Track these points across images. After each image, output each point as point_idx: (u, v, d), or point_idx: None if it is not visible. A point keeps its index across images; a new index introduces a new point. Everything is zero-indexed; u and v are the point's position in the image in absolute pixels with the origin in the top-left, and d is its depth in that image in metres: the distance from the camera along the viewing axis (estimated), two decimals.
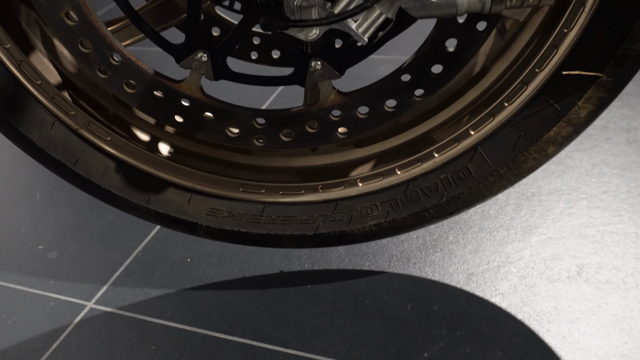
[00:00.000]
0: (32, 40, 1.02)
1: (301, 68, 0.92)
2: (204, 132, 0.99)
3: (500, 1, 0.80)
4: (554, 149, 1.01)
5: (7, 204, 1.65)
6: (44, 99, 1.02)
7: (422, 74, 0.92)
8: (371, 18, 0.81)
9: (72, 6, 0.89)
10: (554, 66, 0.95)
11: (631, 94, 1.69)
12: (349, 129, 0.97)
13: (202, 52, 0.92)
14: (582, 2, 0.91)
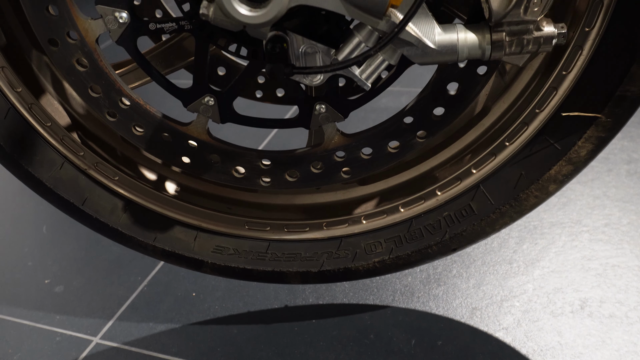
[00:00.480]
0: (43, 84, 1.04)
1: (306, 111, 0.94)
2: (210, 173, 1.00)
3: (499, 48, 0.82)
4: (555, 187, 1.03)
5: (14, 237, 1.67)
6: (53, 140, 1.04)
7: (424, 116, 0.94)
8: (374, 65, 0.83)
9: (83, 53, 0.91)
10: (553, 107, 0.97)
11: (631, 126, 1.71)
12: (353, 170, 0.99)
13: (209, 96, 0.94)
14: (580, 46, 0.93)
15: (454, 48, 0.82)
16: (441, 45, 0.82)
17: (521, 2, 0.78)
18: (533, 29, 0.82)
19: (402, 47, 0.82)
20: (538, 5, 0.79)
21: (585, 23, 0.91)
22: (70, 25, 0.89)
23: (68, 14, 0.88)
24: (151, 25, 0.89)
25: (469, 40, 0.82)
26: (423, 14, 0.81)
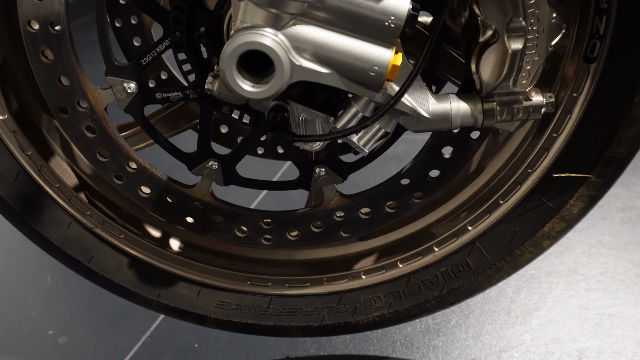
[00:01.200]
0: (52, 146, 1.08)
1: (306, 174, 0.98)
2: (213, 232, 1.03)
3: (491, 116, 0.86)
4: (549, 243, 1.06)
5: (18, 287, 1.69)
6: (61, 200, 1.07)
7: (420, 179, 0.98)
8: (371, 132, 0.87)
9: (92, 120, 0.95)
10: (545, 167, 1.01)
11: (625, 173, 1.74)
12: (352, 229, 1.02)
13: (213, 160, 0.97)
14: (569, 110, 0.97)
15: (448, 117, 0.86)
16: (435, 114, 0.86)
17: (510, 75, 0.82)
18: (523, 99, 0.85)
19: (397, 117, 0.85)
20: (526, 78, 0.83)
21: (574, 88, 0.96)
22: (80, 95, 0.93)
23: (79, 84, 0.93)
24: (158, 94, 0.94)
25: (461, 110, 0.86)
26: (417, 85, 0.85)
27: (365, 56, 0.78)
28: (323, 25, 0.77)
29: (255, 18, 0.76)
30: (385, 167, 1.13)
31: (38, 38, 0.90)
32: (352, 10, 0.76)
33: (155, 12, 0.90)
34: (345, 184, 0.99)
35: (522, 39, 0.80)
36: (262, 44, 0.76)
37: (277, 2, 0.74)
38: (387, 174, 1.04)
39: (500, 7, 0.79)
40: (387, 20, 0.76)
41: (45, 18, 0.88)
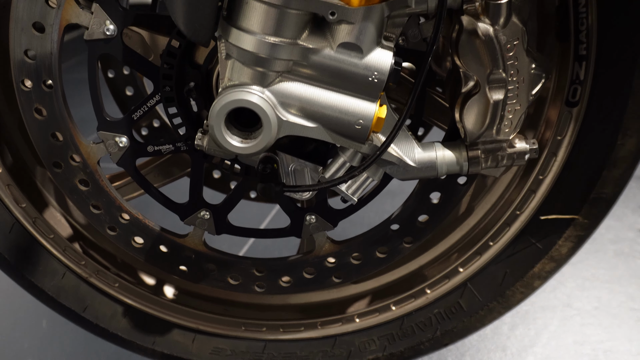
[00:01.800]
0: (46, 197, 1.09)
1: (297, 222, 0.99)
2: (206, 281, 1.04)
3: (476, 164, 0.88)
4: (540, 282, 1.07)
5: (14, 332, 1.68)
6: (56, 251, 1.08)
7: (409, 224, 0.99)
8: (359, 181, 0.88)
9: (85, 174, 0.96)
10: (533, 209, 1.02)
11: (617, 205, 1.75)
12: (344, 274, 1.03)
13: (205, 210, 0.99)
14: (554, 153, 0.99)
15: (434, 165, 0.87)
16: (421, 163, 0.87)
17: (493, 125, 0.84)
18: (506, 146, 0.87)
19: (384, 166, 0.87)
20: (509, 127, 0.85)
21: (557, 132, 0.98)
22: (73, 150, 0.95)
23: (71, 139, 0.94)
24: (149, 147, 0.95)
25: (447, 158, 0.88)
26: (403, 134, 0.87)
27: (350, 110, 0.80)
28: (308, 82, 0.79)
29: (242, 76, 0.78)
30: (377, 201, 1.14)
31: (31, 95, 0.91)
32: (336, 67, 0.78)
33: (146, 69, 0.92)
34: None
35: (503, 90, 0.82)
36: (249, 101, 0.77)
37: (263, 61, 0.76)
38: (379, 209, 1.05)
39: (480, 60, 0.81)
40: (371, 76, 0.78)
41: (39, 76, 0.90)
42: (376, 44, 0.78)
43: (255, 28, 0.75)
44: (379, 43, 0.78)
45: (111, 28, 0.87)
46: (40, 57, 0.89)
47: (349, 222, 1.03)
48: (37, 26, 0.88)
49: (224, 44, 0.78)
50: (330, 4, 0.74)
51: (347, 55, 0.77)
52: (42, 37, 0.88)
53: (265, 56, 0.76)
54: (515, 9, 0.80)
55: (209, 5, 0.75)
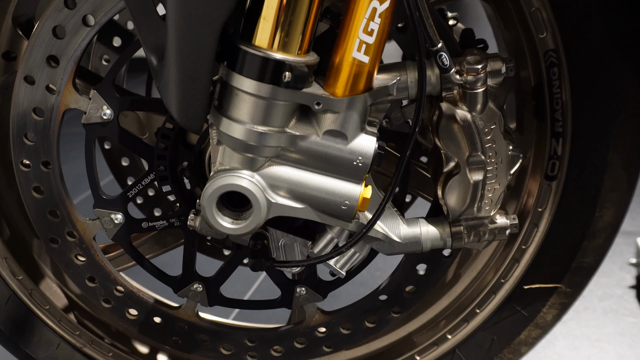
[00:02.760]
0: (42, 269, 1.11)
1: (287, 293, 1.01)
2: (199, 351, 1.06)
3: (459, 239, 0.91)
4: (527, 349, 1.09)
5: None
6: (51, 322, 1.10)
7: (397, 294, 1.02)
8: (347, 256, 0.91)
9: (81, 249, 0.99)
10: (517, 277, 1.05)
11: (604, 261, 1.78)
12: (334, 344, 1.05)
13: (198, 283, 1.01)
14: (536, 224, 1.02)
15: (418, 241, 0.91)
16: (406, 238, 0.90)
17: (473, 203, 0.88)
18: (488, 223, 0.91)
19: (371, 242, 0.90)
20: (489, 205, 0.88)
21: (538, 204, 1.01)
22: (70, 226, 0.98)
23: (68, 216, 0.97)
24: (144, 224, 0.98)
25: (431, 234, 0.91)
26: (388, 211, 0.90)
27: (336, 192, 0.83)
28: (296, 165, 0.83)
29: (233, 161, 0.82)
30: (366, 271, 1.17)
31: (30, 175, 0.95)
32: (323, 152, 0.82)
33: (140, 149, 0.96)
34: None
35: (482, 171, 0.86)
36: (239, 186, 0.81)
37: (253, 148, 0.80)
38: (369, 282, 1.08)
39: (459, 143, 0.85)
40: (356, 160, 0.82)
41: (37, 157, 0.94)
42: (360, 130, 0.82)
43: (245, 118, 0.79)
44: (362, 129, 0.82)
45: (108, 112, 0.91)
46: (39, 140, 0.93)
47: (338, 290, 1.06)
48: (37, 111, 0.92)
49: (216, 131, 0.82)
50: (316, 95, 0.79)
51: (333, 142, 0.81)
52: (42, 121, 0.92)
53: (255, 144, 0.80)
54: (491, 95, 0.84)
55: (201, 97, 0.79)
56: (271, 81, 0.76)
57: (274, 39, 0.76)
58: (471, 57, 0.81)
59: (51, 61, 0.89)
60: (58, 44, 0.88)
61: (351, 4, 0.77)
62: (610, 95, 0.94)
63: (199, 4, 0.74)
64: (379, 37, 0.77)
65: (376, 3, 0.76)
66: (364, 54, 0.78)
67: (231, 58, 0.78)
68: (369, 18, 0.76)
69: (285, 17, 0.75)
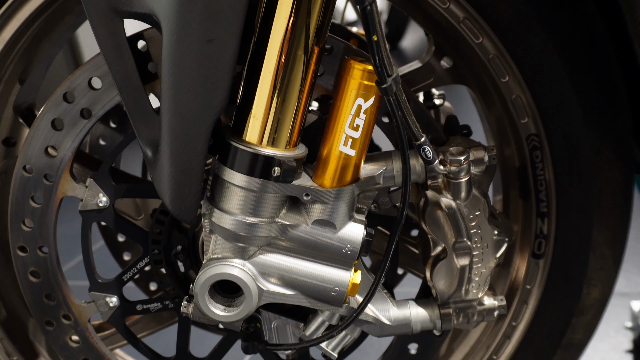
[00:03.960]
0: (37, 348, 1.12)
1: None
2: None
3: (448, 321, 0.93)
4: None
5: None
6: None
7: None
8: (338, 338, 0.93)
9: (76, 332, 1.00)
10: (509, 354, 1.06)
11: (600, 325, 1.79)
12: None
13: None
14: (525, 301, 1.04)
15: (408, 323, 0.92)
16: (396, 321, 0.92)
17: (461, 287, 0.90)
18: (476, 304, 0.92)
19: (361, 325, 0.91)
20: (476, 288, 0.90)
21: (526, 281, 1.03)
22: (65, 309, 0.99)
23: (64, 299, 0.99)
24: (138, 306, 1.00)
25: (420, 316, 0.92)
26: (379, 294, 0.92)
27: (326, 278, 0.85)
28: (286, 253, 0.85)
29: (225, 250, 0.84)
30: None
31: (27, 260, 0.97)
32: (312, 240, 0.84)
33: (135, 234, 0.98)
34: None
35: (469, 257, 0.88)
36: (231, 274, 0.83)
37: (244, 238, 0.82)
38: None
39: (445, 230, 0.87)
40: (344, 248, 0.84)
41: (35, 242, 0.96)
42: (348, 218, 0.84)
43: (236, 209, 0.81)
44: (351, 217, 0.85)
45: (104, 200, 0.94)
46: (36, 226, 0.95)
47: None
48: (34, 198, 0.94)
49: (208, 221, 0.84)
50: (304, 187, 0.82)
51: (322, 231, 0.83)
52: (39, 208, 0.94)
53: (246, 234, 0.82)
54: (475, 182, 0.87)
55: (193, 190, 0.81)
56: (261, 175, 0.79)
57: (263, 135, 0.80)
58: (454, 149, 0.84)
59: (49, 152, 0.93)
60: (56, 136, 0.92)
61: (337, 101, 0.80)
62: (592, 177, 0.97)
63: (192, 102, 0.77)
64: (364, 131, 0.81)
65: (361, 100, 0.79)
66: (350, 148, 0.81)
67: (222, 153, 0.81)
68: (354, 114, 0.80)
69: (274, 115, 0.79)
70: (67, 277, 1.00)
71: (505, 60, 0.91)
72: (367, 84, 0.78)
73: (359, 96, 0.79)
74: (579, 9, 0.90)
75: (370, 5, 0.66)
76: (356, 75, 0.78)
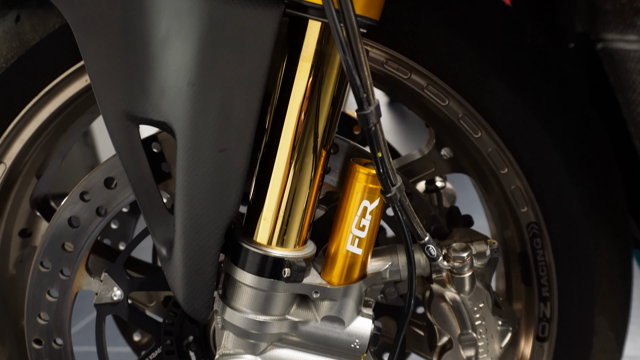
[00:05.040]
0: None
1: None
2: None
3: None
4: None
5: None
6: None
7: None
8: None
9: None
10: None
11: None
12: None
13: None
14: None
15: None
16: None
17: None
18: None
19: None
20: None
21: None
22: None
23: None
24: None
25: None
26: None
27: None
28: (296, 348, 0.87)
29: (237, 346, 0.86)
30: None
31: (42, 353, 0.99)
32: (322, 335, 0.86)
33: (148, 326, 1.01)
34: None
35: (474, 348, 0.90)
36: None
37: (255, 335, 0.85)
38: None
39: (450, 322, 0.89)
40: (353, 342, 0.86)
41: (50, 335, 0.98)
42: (357, 313, 0.87)
43: (247, 308, 0.84)
44: (359, 312, 0.87)
45: (118, 293, 0.96)
46: (52, 319, 0.97)
47: None
48: (50, 293, 0.97)
49: (220, 317, 0.87)
50: (314, 285, 0.84)
51: (331, 326, 0.86)
52: (55, 302, 0.97)
53: (257, 332, 0.84)
54: (478, 275, 0.90)
55: (206, 290, 0.84)
56: (271, 276, 0.82)
57: (273, 236, 0.83)
58: (457, 245, 0.87)
59: (66, 247, 0.96)
60: (73, 232, 0.95)
61: (344, 202, 0.84)
62: (591, 261, 1.00)
63: (205, 208, 0.81)
64: (370, 231, 0.84)
65: (367, 202, 0.83)
66: (357, 247, 0.84)
67: (234, 253, 0.84)
68: (360, 215, 0.83)
69: (284, 218, 0.82)
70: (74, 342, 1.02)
71: (504, 153, 0.95)
72: (372, 187, 0.82)
73: (364, 198, 0.82)
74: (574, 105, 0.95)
75: (374, 126, 0.70)
76: (361, 179, 0.82)
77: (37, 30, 0.91)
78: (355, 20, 0.67)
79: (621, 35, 1.10)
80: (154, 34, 0.80)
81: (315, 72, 0.77)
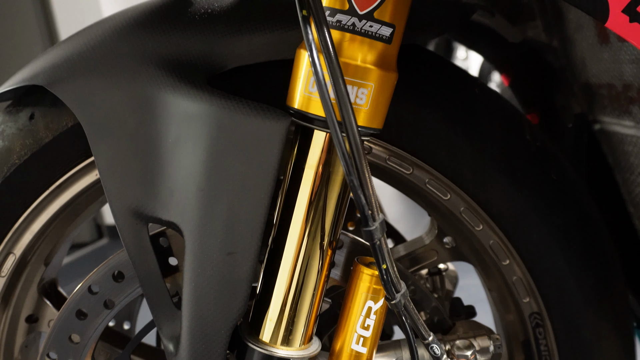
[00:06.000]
0: None
1: None
2: None
3: None
4: None
5: None
6: None
7: None
8: None
9: None
10: None
11: None
12: None
13: None
14: None
15: None
16: None
17: None
18: None
19: None
20: None
21: None
22: None
23: None
24: None
25: None
26: None
27: None
28: None
29: None
30: None
31: None
32: None
33: None
34: None
35: None
36: None
37: None
38: None
39: None
40: None
41: None
42: None
43: None
44: None
45: None
46: None
47: None
48: None
49: None
50: None
51: None
52: None
53: None
54: None
55: None
56: None
57: (278, 337, 0.84)
58: (460, 342, 0.88)
59: (72, 339, 0.97)
60: (80, 325, 0.96)
61: (348, 302, 0.85)
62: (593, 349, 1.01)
63: (212, 308, 0.82)
64: (375, 330, 0.85)
65: (371, 303, 0.84)
66: (361, 346, 0.85)
67: (239, 351, 0.85)
68: (365, 315, 0.84)
69: (289, 318, 0.83)
70: None
71: (506, 246, 0.97)
72: (377, 287, 0.83)
73: (368, 299, 0.84)
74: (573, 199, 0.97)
75: (379, 240, 0.72)
76: (365, 279, 0.83)
77: (51, 128, 0.94)
78: (360, 145, 0.69)
79: (618, 120, 1.13)
80: (164, 137, 0.82)
81: (321, 178, 0.80)
